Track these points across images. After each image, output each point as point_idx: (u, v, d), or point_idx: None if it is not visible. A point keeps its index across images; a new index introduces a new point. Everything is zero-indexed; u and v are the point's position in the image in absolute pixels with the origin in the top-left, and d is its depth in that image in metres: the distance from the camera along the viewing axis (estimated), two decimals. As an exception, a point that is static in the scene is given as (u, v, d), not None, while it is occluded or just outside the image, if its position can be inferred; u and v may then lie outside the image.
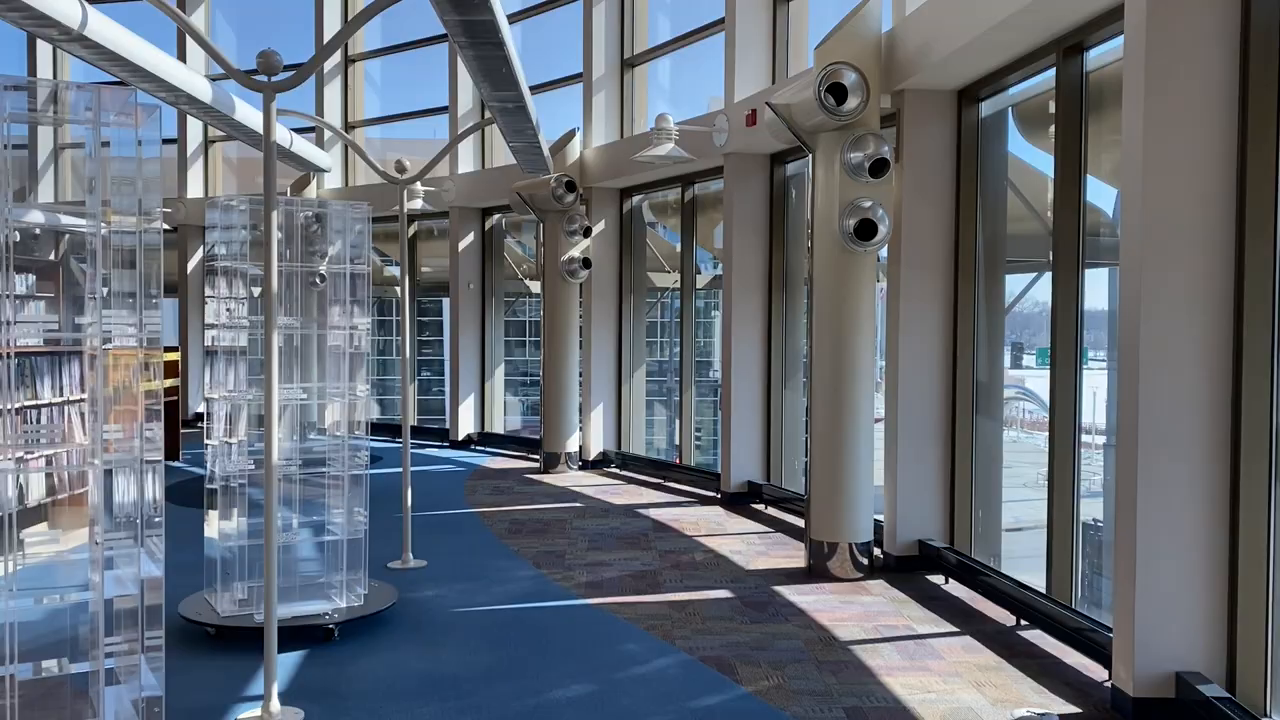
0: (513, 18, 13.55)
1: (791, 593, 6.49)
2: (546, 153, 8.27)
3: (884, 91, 6.99)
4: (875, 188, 6.79)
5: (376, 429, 15.01)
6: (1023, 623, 5.80)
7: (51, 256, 17.18)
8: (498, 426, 13.93)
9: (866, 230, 6.71)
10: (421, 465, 12.21)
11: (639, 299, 11.89)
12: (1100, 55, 5.81)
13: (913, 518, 7.12)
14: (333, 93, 15.30)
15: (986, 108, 7.03)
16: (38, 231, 17.07)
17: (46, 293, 15.36)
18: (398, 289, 15.36)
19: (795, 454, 9.45)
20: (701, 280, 11.99)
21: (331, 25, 15.22)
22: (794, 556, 7.40)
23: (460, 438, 13.64)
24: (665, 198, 11.82)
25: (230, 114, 7.57)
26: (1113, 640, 4.65)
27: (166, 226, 16.46)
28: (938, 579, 6.80)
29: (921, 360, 7.10)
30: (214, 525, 5.68)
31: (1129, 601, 4.46)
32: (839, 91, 6.56)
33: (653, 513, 9.08)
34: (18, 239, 15.72)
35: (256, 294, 6.18)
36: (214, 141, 16.83)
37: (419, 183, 13.14)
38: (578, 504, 9.56)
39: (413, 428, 14.59)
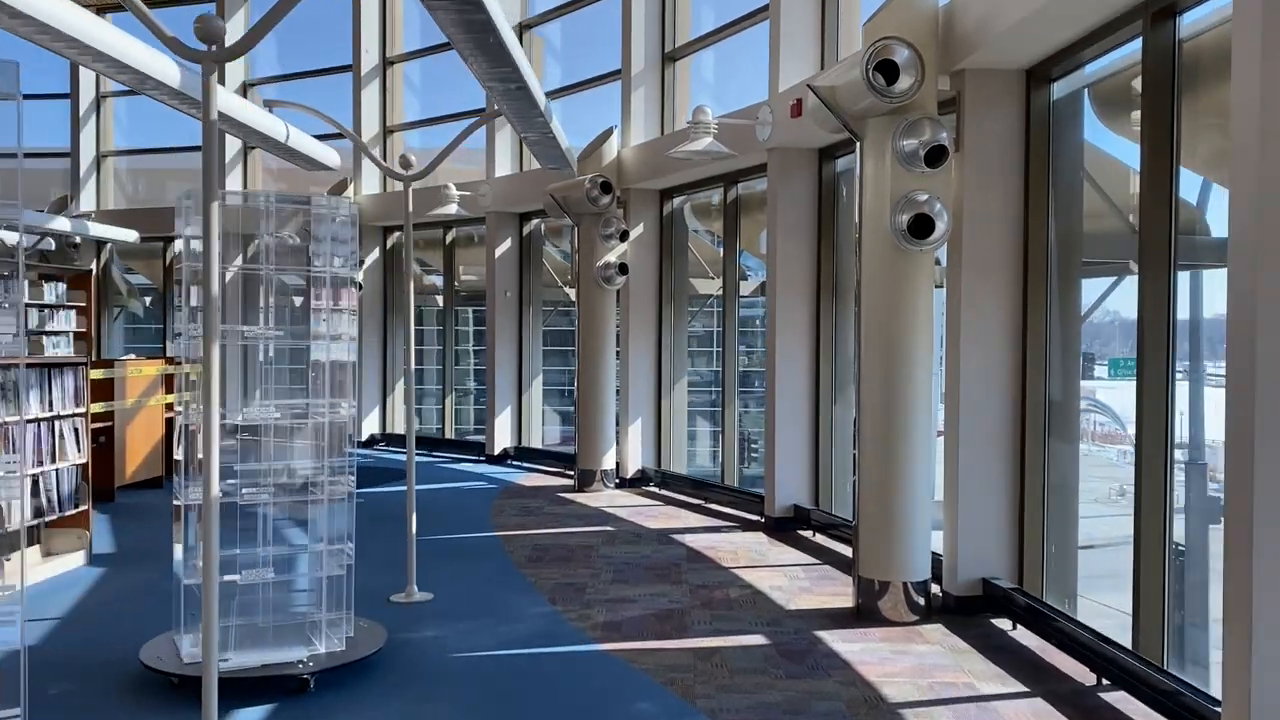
0: (549, 15, 12.96)
1: (835, 639, 5.71)
2: (565, 145, 7.60)
3: (942, 72, 6.20)
4: (932, 179, 6.00)
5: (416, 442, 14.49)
6: (1104, 682, 4.97)
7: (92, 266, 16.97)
8: (535, 441, 13.29)
9: (922, 227, 5.93)
10: (453, 482, 11.62)
11: (680, 306, 11.17)
12: (1197, 20, 4.98)
13: (976, 553, 6.29)
14: (371, 95, 14.83)
15: (1059, 88, 6.20)
16: (78, 240, 16.88)
17: (78, 301, 15.13)
18: (439, 298, 14.83)
19: (847, 476, 8.64)
20: (747, 287, 11.24)
21: (370, 30, 14.76)
22: (841, 594, 6.62)
23: (496, 452, 13.02)
24: (708, 199, 11.10)
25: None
26: (1222, 717, 3.82)
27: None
28: (1004, 624, 5.97)
29: (986, 375, 6.29)
30: (179, 557, 5.07)
31: (1243, 664, 3.62)
32: (889, 70, 5.79)
33: (688, 539, 8.34)
34: (52, 247, 15.53)
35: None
36: (254, 148, 16.46)
37: (453, 186, 12.67)
38: (609, 527, 8.85)
39: (449, 441, 14.07)
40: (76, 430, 7.47)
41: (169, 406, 11.08)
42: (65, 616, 6.28)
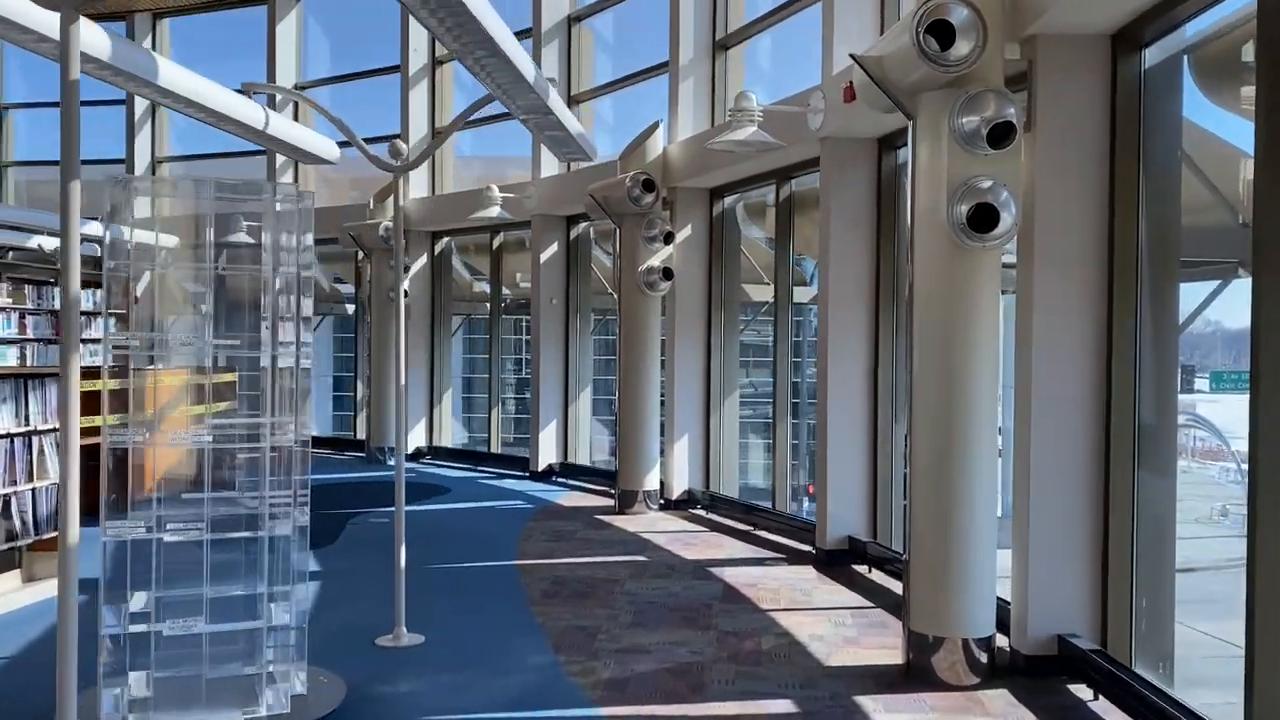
0: (598, 7, 12.23)
1: (878, 708, 4.81)
2: (576, 129, 6.82)
3: (1010, 38, 5.27)
4: (997, 163, 5.07)
5: (457, 455, 13.89)
6: (1208, 779, 3.99)
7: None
8: (582, 457, 12.52)
9: (985, 218, 5.00)
10: (489, 500, 10.93)
11: (731, 314, 10.30)
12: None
13: (1050, 604, 5.32)
14: (419, 96, 14.28)
15: (1152, 55, 5.22)
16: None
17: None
18: (488, 304, 14.20)
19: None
20: (806, 293, 10.34)
21: (419, 29, 14.21)
22: (891, 647, 5.70)
23: (540, 468, 12.29)
24: (762, 199, 10.23)
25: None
26: None
27: (250, 240, 15.77)
28: (1083, 692, 5.00)
29: (1062, 394, 5.33)
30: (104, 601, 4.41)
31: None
32: (944, 33, 4.89)
33: (727, 573, 7.47)
34: (98, 253, 15.32)
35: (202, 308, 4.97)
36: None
37: (495, 188, 12.02)
38: (641, 557, 8.02)
39: (495, 456, 13.41)
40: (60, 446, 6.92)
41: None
42: (16, 655, 5.69)
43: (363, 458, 14.09)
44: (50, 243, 12.58)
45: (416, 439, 14.25)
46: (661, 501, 10.12)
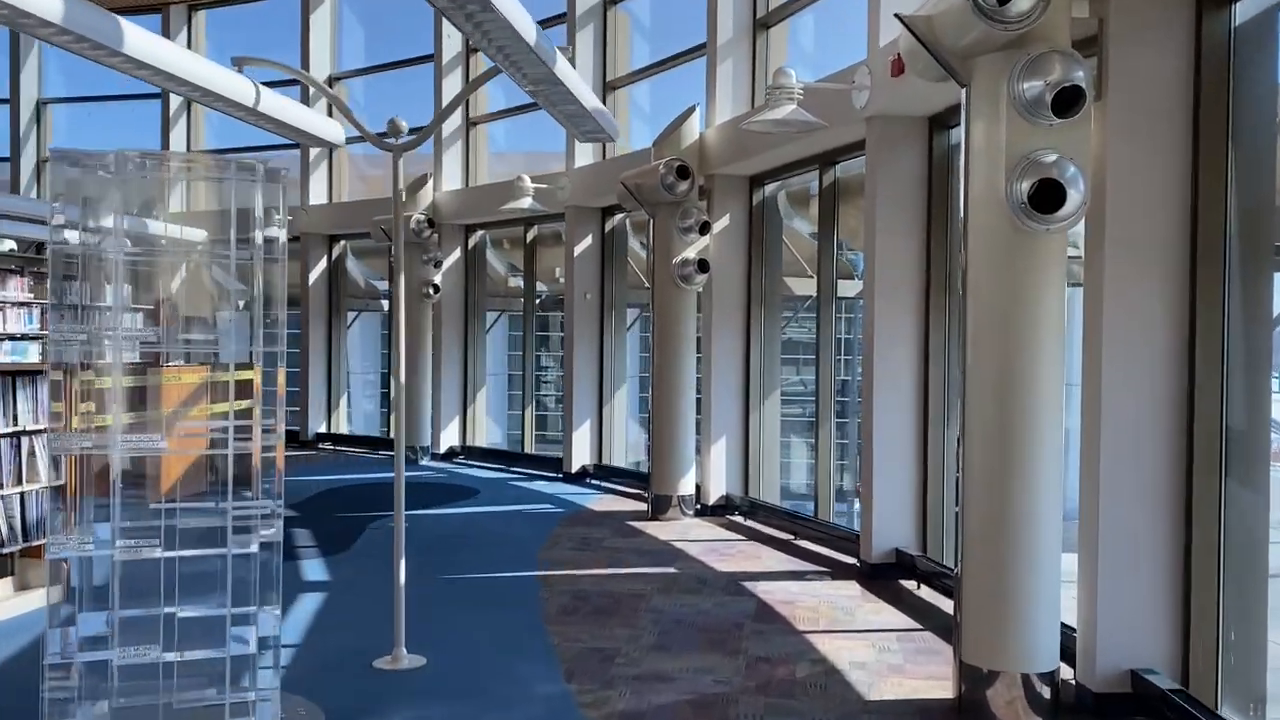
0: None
1: (924, 753, 4.24)
2: (591, 105, 6.28)
3: (1079, -8, 4.66)
4: (1063, 134, 4.46)
5: (491, 455, 13.45)
6: None
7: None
8: (617, 458, 12.00)
9: (1049, 197, 4.40)
10: (517, 504, 10.46)
11: (773, 309, 9.72)
12: None
13: (1123, 635, 4.71)
14: (453, 85, 13.86)
15: (1244, 9, 4.59)
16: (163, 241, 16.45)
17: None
18: (523, 300, 13.73)
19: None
20: (851, 287, 9.74)
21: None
22: (941, 678, 5.11)
23: (574, 470, 11.80)
24: (806, 186, 9.63)
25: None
26: None
27: (288, 235, 15.47)
28: (1162, 738, 4.39)
29: (1138, 396, 4.71)
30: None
31: None
32: (1003, -16, 4.29)
33: (762, 588, 6.91)
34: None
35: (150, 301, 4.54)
36: (337, 146, 15.72)
37: (527, 178, 11.53)
38: (671, 569, 7.48)
39: (528, 456, 12.95)
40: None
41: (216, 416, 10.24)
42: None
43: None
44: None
45: (450, 438, 13.84)
46: (697, 507, 9.57)
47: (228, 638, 3.93)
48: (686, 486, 9.53)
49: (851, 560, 7.62)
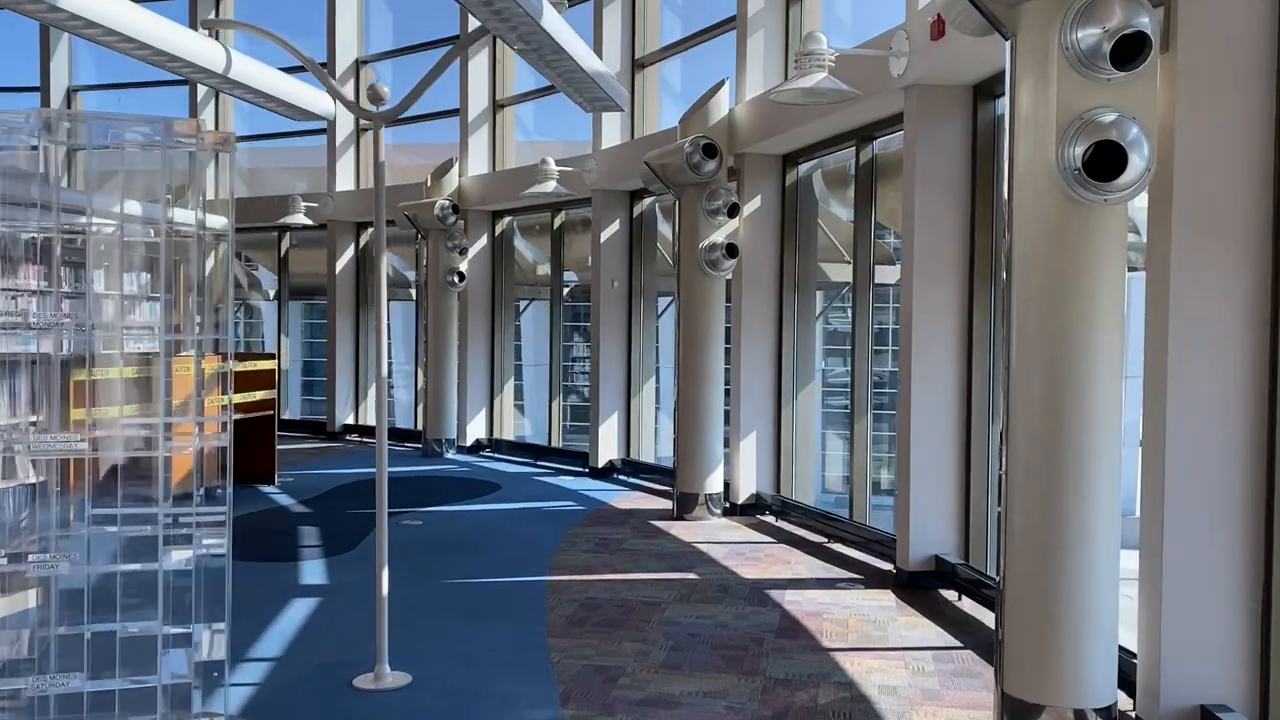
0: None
1: (958, 801, 3.69)
2: (594, 68, 5.75)
3: (1143, -72, 4.05)
4: (1124, 90, 3.88)
5: (518, 449, 13.01)
6: None
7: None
8: (645, 452, 11.49)
9: (1108, 162, 3.81)
10: (538, 500, 10.00)
11: (807, 297, 9.15)
12: None
13: (1192, 665, 4.12)
14: (479, 65, 13.41)
15: (1339, -56, 3.96)
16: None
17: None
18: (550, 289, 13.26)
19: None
20: (890, 273, 9.13)
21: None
22: (982, 706, 4.56)
23: (600, 465, 11.31)
24: (844, 166, 9.04)
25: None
26: None
27: (313, 223, 15.21)
28: (1238, 788, 3.80)
29: (1209, 390, 4.12)
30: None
31: None
32: (1055, -86, 3.71)
33: (789, 597, 6.37)
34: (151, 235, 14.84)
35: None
36: (365, 130, 15.39)
37: (551, 161, 11.05)
38: (692, 575, 6.97)
39: (554, 450, 12.51)
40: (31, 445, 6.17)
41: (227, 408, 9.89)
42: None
43: (420, 449, 13.32)
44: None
45: (476, 430, 13.43)
46: (725, 505, 9.04)
47: (159, 664, 3.49)
48: (714, 484, 9.00)
49: (887, 566, 7.06)
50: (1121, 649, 4.23)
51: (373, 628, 4.85)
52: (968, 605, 6.21)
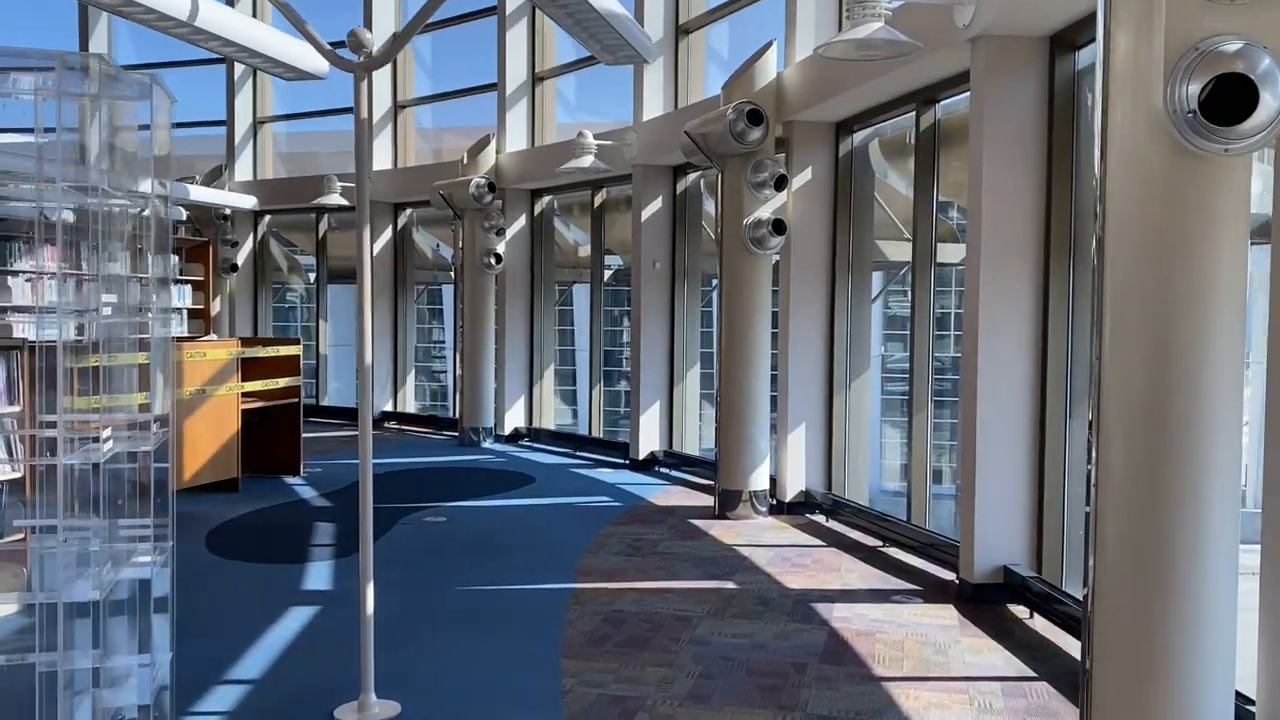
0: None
1: None
2: (606, 7, 5.06)
3: None
4: (1252, 11, 3.12)
5: (557, 438, 12.41)
6: None
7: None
8: (689, 444, 10.83)
9: (1233, 100, 3.07)
10: (573, 495, 9.40)
11: (863, 277, 8.41)
12: None
13: (1325, 720, 3.38)
14: (518, 36, 12.80)
15: None
16: (228, 211, 15.86)
17: (195, 275, 14.04)
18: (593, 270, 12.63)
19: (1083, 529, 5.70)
20: (954, 252, 8.36)
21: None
22: (1061, 757, 3.85)
23: (641, 457, 10.67)
24: (905, 133, 8.27)
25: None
26: None
27: (349, 203, 14.73)
28: None
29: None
30: None
31: None
32: None
33: (837, 612, 5.69)
34: (183, 217, 14.47)
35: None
36: (404, 106, 14.88)
37: (589, 134, 10.41)
38: (730, 583, 6.31)
39: (594, 441, 11.90)
40: (8, 438, 5.71)
41: (246, 395, 9.47)
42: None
43: (457, 438, 12.80)
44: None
45: (515, 419, 12.87)
46: (771, 503, 8.36)
47: (92, 693, 2.92)
48: (759, 481, 8.32)
49: (949, 576, 6.34)
50: (1238, 695, 3.50)
51: (392, 643, 4.28)
52: (1040, 625, 5.48)
